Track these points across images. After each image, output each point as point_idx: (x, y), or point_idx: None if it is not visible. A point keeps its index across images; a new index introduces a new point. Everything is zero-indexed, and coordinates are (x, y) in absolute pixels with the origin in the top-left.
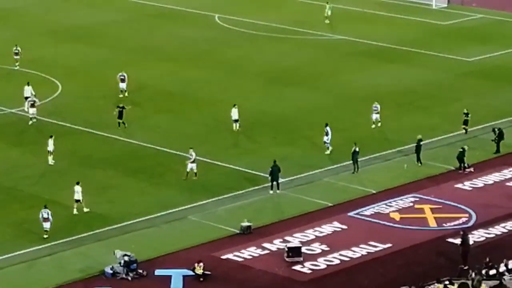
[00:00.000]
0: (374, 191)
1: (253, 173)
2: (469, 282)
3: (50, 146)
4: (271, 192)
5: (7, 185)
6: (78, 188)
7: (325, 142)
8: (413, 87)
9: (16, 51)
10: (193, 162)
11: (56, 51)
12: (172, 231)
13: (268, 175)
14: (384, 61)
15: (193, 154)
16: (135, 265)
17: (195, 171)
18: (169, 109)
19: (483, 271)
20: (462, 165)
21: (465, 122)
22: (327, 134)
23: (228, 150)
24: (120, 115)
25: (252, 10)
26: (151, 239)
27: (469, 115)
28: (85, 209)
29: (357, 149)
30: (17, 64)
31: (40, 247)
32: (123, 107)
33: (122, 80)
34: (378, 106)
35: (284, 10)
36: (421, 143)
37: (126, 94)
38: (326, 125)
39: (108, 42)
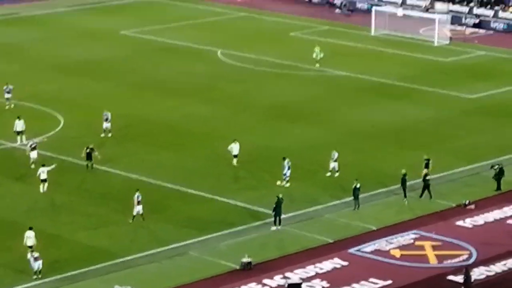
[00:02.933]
0: (374, 228)
1: (255, 208)
2: None
3: (43, 175)
4: (273, 228)
5: (8, 219)
6: (30, 234)
7: (284, 175)
8: (415, 123)
9: (8, 90)
10: (139, 204)
11: (59, 86)
12: (173, 267)
13: (272, 211)
14: (386, 98)
15: (139, 196)
16: None
17: (141, 212)
18: (171, 144)
19: None
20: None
21: (427, 166)
22: (287, 168)
23: (230, 185)
24: (89, 156)
25: (254, 45)
26: (152, 275)
27: (430, 161)
28: (35, 254)
29: (358, 186)
30: (7, 104)
31: (39, 282)
32: (92, 149)
33: (106, 120)
34: (336, 154)
35: (286, 46)
36: (406, 177)
37: (110, 134)
38: (284, 159)
39: (112, 77)
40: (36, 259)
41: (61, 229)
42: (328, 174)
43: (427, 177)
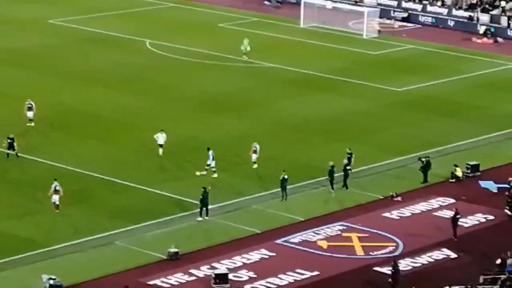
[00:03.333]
0: (302, 219)
1: (182, 199)
2: None
3: None
4: (199, 219)
5: None
6: None
7: (209, 165)
8: (343, 116)
9: None
10: (56, 193)
11: None
12: (99, 256)
13: (199, 202)
14: (314, 90)
15: (57, 185)
16: None
17: (57, 203)
18: (98, 134)
19: None
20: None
21: (349, 160)
22: (212, 159)
23: (157, 176)
24: (11, 146)
25: (183, 36)
26: (77, 264)
27: (353, 155)
28: None
29: (285, 177)
30: None
31: None
32: (13, 139)
33: (29, 109)
34: (258, 146)
35: (215, 37)
36: (334, 169)
37: (33, 124)
38: (208, 149)
39: (39, 66)
40: None
41: None
42: (255, 166)
43: (348, 167)
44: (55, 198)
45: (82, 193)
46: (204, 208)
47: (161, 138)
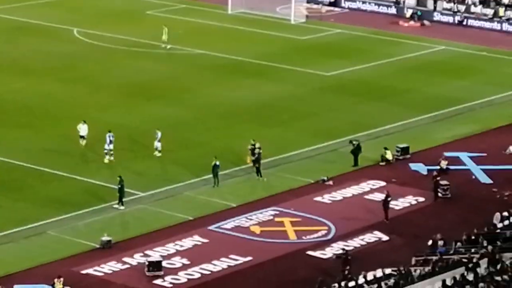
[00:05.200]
0: (234, 205)
1: (112, 187)
2: None
3: None
4: (121, 208)
5: None
6: None
7: (105, 149)
8: (272, 101)
9: None
10: None
11: None
12: (31, 246)
13: (118, 192)
14: (242, 76)
15: None
16: None
17: None
18: (27, 124)
19: (342, 283)
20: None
21: (253, 153)
22: (109, 142)
23: (87, 165)
24: None
25: (111, 24)
26: (9, 255)
27: (256, 146)
28: None
29: (217, 163)
30: None
31: None
32: None
33: None
34: (159, 133)
35: (143, 25)
36: (260, 151)
37: None
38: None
39: None
40: None
41: None
42: (156, 154)
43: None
44: None
45: (12, 183)
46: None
47: (83, 129)
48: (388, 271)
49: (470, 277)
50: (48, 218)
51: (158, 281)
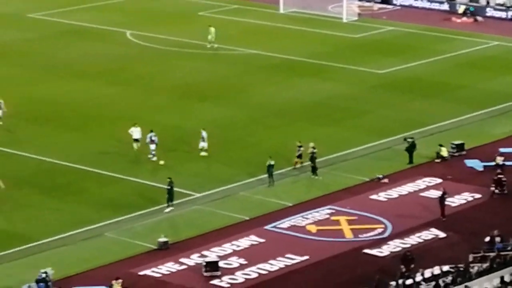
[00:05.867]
0: (290, 204)
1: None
2: None
3: None
4: (167, 210)
5: None
6: None
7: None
8: (325, 100)
9: None
10: None
11: None
12: (89, 248)
13: (166, 194)
14: (295, 75)
15: None
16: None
17: None
18: (82, 127)
19: (400, 281)
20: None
21: (300, 156)
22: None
23: (143, 166)
24: None
25: (163, 26)
26: (67, 257)
27: (302, 148)
28: None
29: (272, 163)
30: None
31: None
32: None
33: None
34: (204, 133)
35: (195, 26)
36: (315, 150)
37: (1, 122)
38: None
39: (20, 60)
40: None
41: None
42: (202, 154)
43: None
44: None
45: (69, 186)
46: (170, 198)
47: (135, 132)
48: (445, 268)
49: None
50: (106, 220)
51: (215, 281)
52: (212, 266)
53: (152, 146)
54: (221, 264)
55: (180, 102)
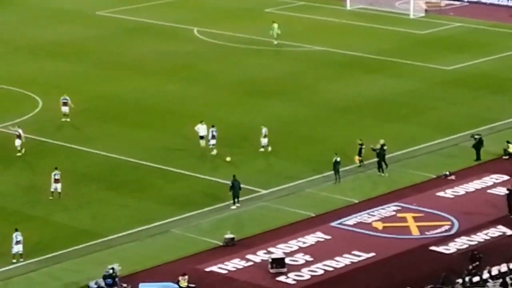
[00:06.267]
0: (356, 201)
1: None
2: None
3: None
4: (233, 207)
5: None
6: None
7: (209, 145)
8: (392, 96)
9: None
10: (56, 182)
11: (35, 68)
12: (156, 245)
13: (229, 190)
14: (362, 71)
15: (56, 174)
16: (117, 279)
17: (59, 190)
18: (148, 123)
19: (467, 279)
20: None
21: (360, 153)
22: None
23: (209, 163)
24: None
25: (230, 23)
26: (134, 253)
27: (363, 146)
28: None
29: (338, 159)
30: None
31: (25, 263)
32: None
33: (65, 104)
34: (265, 129)
35: (262, 23)
36: (385, 147)
37: (68, 119)
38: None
39: (88, 58)
40: (17, 242)
41: (42, 211)
42: (261, 150)
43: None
44: (56, 186)
45: (136, 183)
46: (235, 196)
47: (202, 129)
48: None
49: None
50: (172, 216)
51: (281, 278)
52: (278, 262)
53: (213, 141)
54: (287, 260)
55: (246, 99)
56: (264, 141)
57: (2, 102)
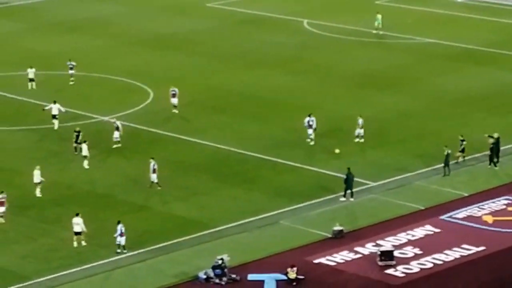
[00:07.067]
0: (466, 194)
1: (342, 177)
2: None
3: (85, 151)
4: (342, 199)
5: (101, 192)
6: (78, 220)
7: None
8: (504, 89)
9: (71, 66)
10: (154, 172)
11: (147, 59)
12: (264, 236)
13: (343, 183)
14: (473, 64)
15: (155, 164)
16: (226, 270)
17: (156, 181)
18: (258, 115)
19: None
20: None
21: (463, 150)
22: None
23: (318, 155)
24: (77, 139)
25: (340, 14)
26: (243, 244)
27: (465, 142)
28: (83, 243)
29: (449, 152)
30: (72, 79)
31: (135, 252)
32: (79, 131)
33: (174, 96)
34: (361, 120)
35: (372, 14)
36: (495, 144)
37: (177, 111)
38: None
39: (198, 49)
40: (121, 234)
41: (152, 201)
42: (356, 140)
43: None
44: (154, 177)
45: (246, 174)
46: (349, 190)
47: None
48: None
49: None
50: (281, 208)
51: (390, 271)
52: (387, 255)
53: (310, 131)
54: (396, 253)
55: (357, 91)
56: (360, 131)
57: (115, 93)
